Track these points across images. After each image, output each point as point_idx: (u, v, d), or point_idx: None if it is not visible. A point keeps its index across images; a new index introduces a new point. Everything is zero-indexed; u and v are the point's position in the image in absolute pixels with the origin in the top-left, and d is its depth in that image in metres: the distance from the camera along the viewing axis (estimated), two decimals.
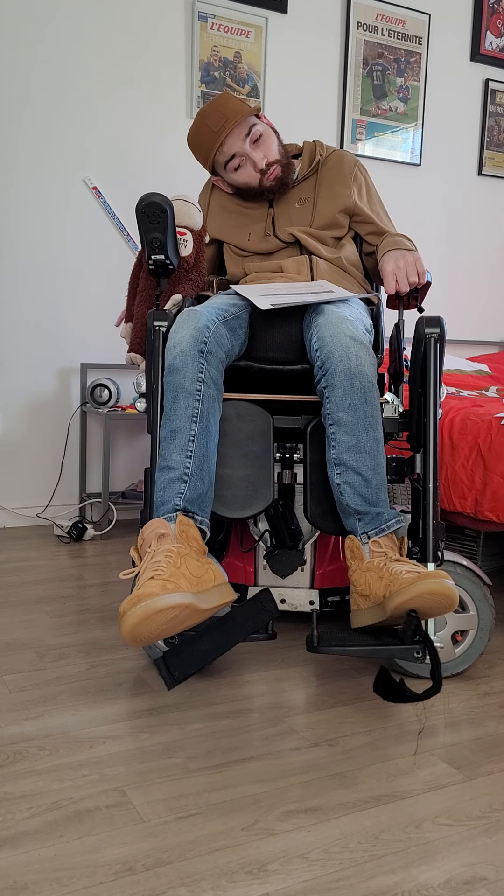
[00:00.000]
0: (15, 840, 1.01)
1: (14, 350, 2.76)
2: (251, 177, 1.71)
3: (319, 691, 1.49)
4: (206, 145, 1.70)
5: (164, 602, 1.12)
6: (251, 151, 1.68)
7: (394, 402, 1.54)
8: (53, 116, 2.71)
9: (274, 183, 1.72)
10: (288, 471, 1.60)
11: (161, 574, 1.18)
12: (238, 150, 1.68)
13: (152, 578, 1.17)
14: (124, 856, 0.98)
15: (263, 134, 1.70)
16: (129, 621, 1.11)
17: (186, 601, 1.16)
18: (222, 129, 1.66)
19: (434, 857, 1.00)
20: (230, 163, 1.71)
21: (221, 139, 1.67)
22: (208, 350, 1.40)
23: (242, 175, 1.72)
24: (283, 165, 1.73)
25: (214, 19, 2.90)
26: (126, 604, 1.13)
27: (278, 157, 1.72)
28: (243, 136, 1.67)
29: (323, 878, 0.95)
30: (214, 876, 0.95)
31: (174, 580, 1.17)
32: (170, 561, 1.21)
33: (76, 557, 2.42)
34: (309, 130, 3.18)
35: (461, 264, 3.62)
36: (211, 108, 1.68)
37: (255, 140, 1.69)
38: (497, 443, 1.80)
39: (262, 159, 1.69)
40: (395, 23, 3.25)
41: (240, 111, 1.66)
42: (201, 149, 1.72)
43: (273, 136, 1.73)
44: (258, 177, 1.71)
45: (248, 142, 1.68)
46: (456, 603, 1.21)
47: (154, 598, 1.12)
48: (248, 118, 1.68)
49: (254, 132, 1.68)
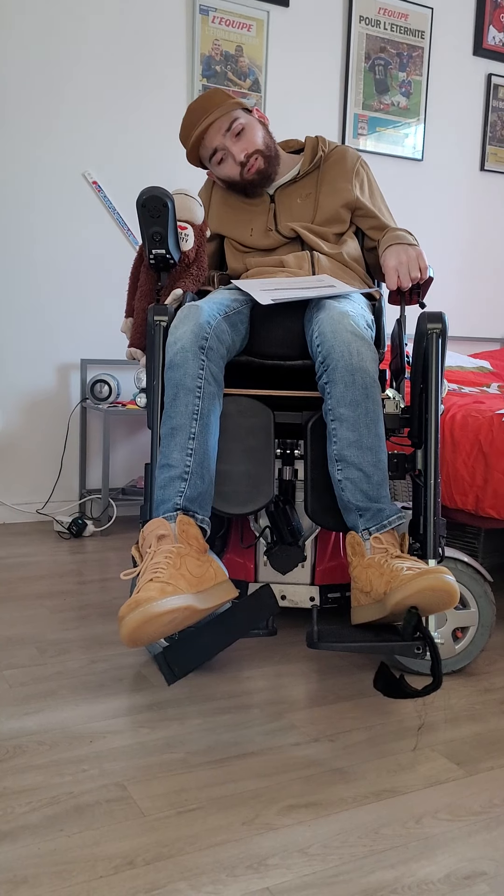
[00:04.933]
0: (15, 834, 1.01)
1: (14, 346, 2.75)
2: (233, 170, 1.71)
3: (319, 687, 1.49)
4: (187, 139, 1.72)
5: (162, 607, 1.12)
6: (231, 145, 1.68)
7: (395, 399, 1.54)
8: (53, 110, 2.70)
9: (256, 176, 1.71)
10: (289, 467, 1.60)
11: (160, 576, 1.18)
12: (218, 144, 1.68)
13: (151, 581, 1.17)
14: (124, 850, 0.98)
15: (246, 127, 1.68)
16: (127, 626, 1.11)
17: (185, 604, 1.16)
18: (199, 123, 1.67)
19: (434, 852, 1.00)
20: (213, 157, 1.71)
21: (197, 133, 1.68)
22: (209, 346, 1.40)
23: (225, 168, 1.72)
24: (266, 157, 1.70)
25: (216, 13, 2.89)
26: (125, 608, 1.13)
27: (260, 147, 1.69)
28: (224, 130, 1.67)
29: (323, 873, 0.95)
30: (215, 870, 0.95)
31: (173, 582, 1.17)
32: (169, 562, 1.21)
33: (76, 553, 2.42)
34: (310, 125, 3.17)
35: (463, 260, 3.61)
36: (196, 103, 1.69)
37: (237, 133, 1.68)
38: (498, 439, 1.80)
39: (241, 152, 1.68)
40: (398, 17, 3.24)
41: (220, 104, 1.66)
42: (185, 142, 1.74)
43: (258, 128, 1.71)
44: (238, 170, 1.70)
45: (228, 136, 1.67)
46: (457, 599, 1.21)
47: (152, 602, 1.12)
48: (231, 112, 1.68)
49: (235, 126, 1.67)
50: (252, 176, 1.71)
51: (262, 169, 1.71)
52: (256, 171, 1.70)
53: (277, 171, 1.76)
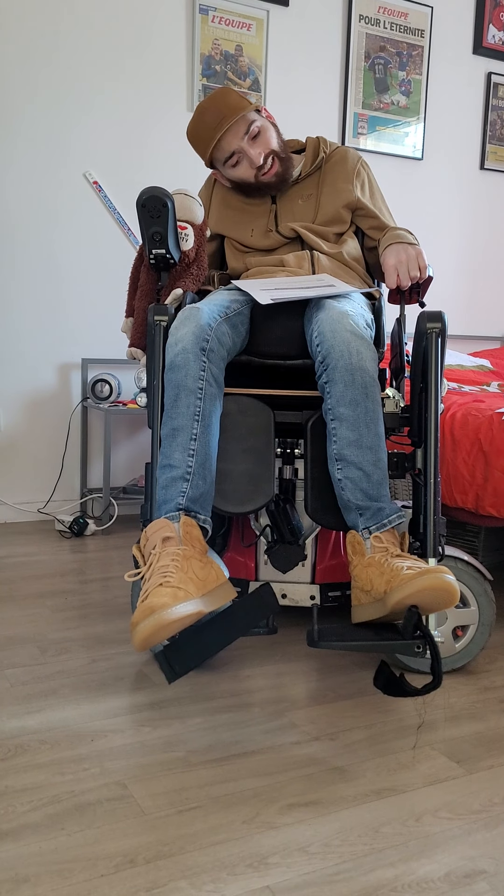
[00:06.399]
0: (16, 833, 1.01)
1: (15, 345, 2.76)
2: (247, 173, 1.71)
3: (320, 686, 1.49)
4: (204, 142, 1.69)
5: (176, 614, 1.12)
6: (248, 148, 1.67)
7: (395, 398, 1.54)
8: (54, 110, 2.70)
9: (274, 179, 1.71)
10: (289, 466, 1.60)
11: (171, 581, 1.18)
12: (236, 147, 1.67)
13: (161, 585, 1.17)
14: (125, 848, 0.99)
15: (262, 129, 1.69)
16: (141, 633, 1.11)
17: (197, 610, 1.17)
18: (219, 127, 1.64)
19: (434, 851, 1.00)
20: (228, 160, 1.70)
21: (218, 137, 1.66)
22: (210, 348, 1.40)
23: (239, 171, 1.71)
24: (282, 160, 1.71)
25: (215, 12, 2.89)
26: (138, 615, 1.13)
27: (276, 149, 1.70)
28: (241, 133, 1.66)
29: (323, 871, 0.95)
30: (215, 868, 0.95)
31: (184, 587, 1.18)
32: (178, 565, 1.21)
33: (77, 552, 2.42)
34: (310, 124, 3.17)
35: (463, 259, 3.61)
36: (209, 102, 1.66)
37: (254, 136, 1.68)
38: (498, 438, 1.80)
39: (259, 155, 1.67)
40: (397, 15, 3.24)
41: (238, 108, 1.65)
42: (199, 145, 1.71)
43: (272, 130, 1.72)
44: (254, 172, 1.70)
45: (246, 139, 1.67)
46: (457, 598, 1.21)
47: (166, 609, 1.12)
48: (247, 115, 1.67)
49: (252, 129, 1.67)
50: (270, 179, 1.71)
51: (279, 172, 1.71)
52: (274, 175, 1.71)
53: (291, 174, 1.76)
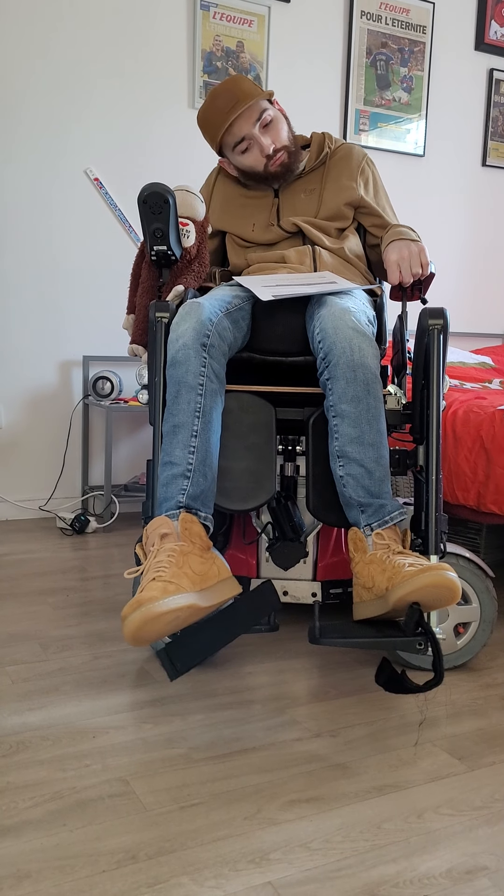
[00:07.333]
0: (18, 829, 1.01)
1: (16, 343, 2.76)
2: (257, 161, 1.70)
3: (321, 682, 1.49)
4: (216, 125, 1.68)
5: (164, 607, 1.12)
6: (260, 136, 1.67)
7: (397, 394, 1.54)
8: (54, 107, 2.70)
9: (280, 169, 1.71)
10: (290, 463, 1.60)
11: (163, 575, 1.18)
12: (247, 132, 1.67)
13: (154, 580, 1.17)
14: (127, 844, 0.99)
15: (274, 119, 1.69)
16: (130, 626, 1.12)
17: (187, 603, 1.16)
18: (232, 111, 1.64)
19: (436, 847, 1.00)
20: (238, 145, 1.69)
21: (231, 120, 1.65)
22: (211, 343, 1.40)
23: (249, 158, 1.71)
24: (291, 153, 1.72)
25: (217, 8, 2.88)
26: (127, 608, 1.13)
27: (286, 143, 1.71)
28: (254, 119, 1.66)
29: (325, 868, 0.95)
30: (217, 864, 0.95)
31: (176, 581, 1.17)
32: (172, 560, 1.21)
33: (79, 550, 2.43)
34: (312, 121, 3.16)
35: (465, 256, 3.60)
36: (223, 87, 1.66)
37: (266, 125, 1.68)
38: (500, 435, 1.80)
39: (270, 145, 1.68)
40: (399, 12, 3.23)
41: (252, 93, 1.65)
42: (210, 129, 1.70)
43: (284, 122, 1.72)
44: (264, 161, 1.70)
45: (258, 126, 1.67)
46: (458, 595, 1.21)
47: (154, 602, 1.12)
48: (259, 101, 1.67)
49: (265, 117, 1.67)
50: (276, 169, 1.71)
51: (287, 163, 1.71)
52: (281, 165, 1.71)
53: (298, 167, 1.76)
